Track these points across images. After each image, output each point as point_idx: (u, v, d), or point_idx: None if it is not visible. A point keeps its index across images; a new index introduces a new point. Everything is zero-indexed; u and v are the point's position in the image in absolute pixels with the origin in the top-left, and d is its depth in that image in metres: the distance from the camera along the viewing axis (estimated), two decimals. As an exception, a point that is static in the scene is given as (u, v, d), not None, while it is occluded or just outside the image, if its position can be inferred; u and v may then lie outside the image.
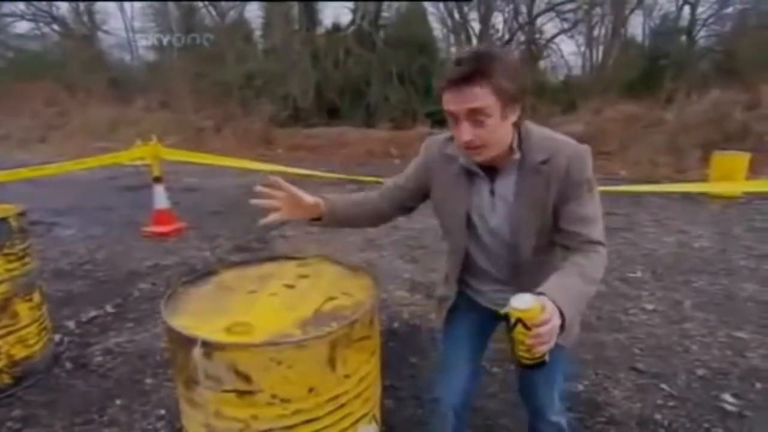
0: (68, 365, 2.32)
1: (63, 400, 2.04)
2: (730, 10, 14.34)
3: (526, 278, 1.14)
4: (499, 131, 1.00)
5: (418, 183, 1.26)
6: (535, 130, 1.10)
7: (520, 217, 1.11)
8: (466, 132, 0.99)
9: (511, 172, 1.10)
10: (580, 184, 1.05)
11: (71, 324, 2.73)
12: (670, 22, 15.17)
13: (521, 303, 0.82)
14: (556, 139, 1.08)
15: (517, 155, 1.07)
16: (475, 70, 0.94)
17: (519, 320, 0.82)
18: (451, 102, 0.99)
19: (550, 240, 1.14)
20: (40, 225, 4.90)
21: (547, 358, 0.88)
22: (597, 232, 1.06)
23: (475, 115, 0.97)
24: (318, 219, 1.20)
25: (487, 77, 0.94)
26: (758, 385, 2.08)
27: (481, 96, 0.95)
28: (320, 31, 16.00)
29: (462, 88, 0.95)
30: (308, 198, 1.16)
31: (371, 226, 1.34)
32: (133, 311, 2.92)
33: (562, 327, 0.87)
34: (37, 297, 2.22)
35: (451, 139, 1.16)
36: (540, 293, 0.87)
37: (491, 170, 1.12)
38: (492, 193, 1.13)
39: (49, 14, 18.53)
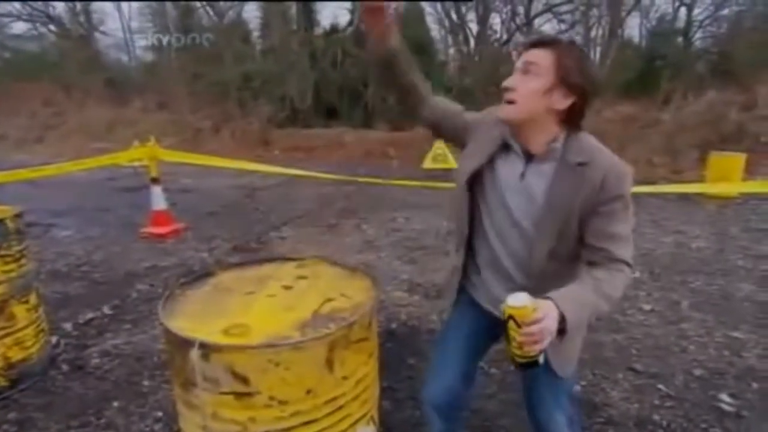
0: (65, 367, 2.31)
1: (59, 402, 2.03)
2: (725, 12, 14.43)
3: (536, 288, 1.03)
4: (536, 98, 1.03)
5: (465, 124, 1.23)
6: (586, 137, 1.10)
7: (546, 212, 1.07)
8: (511, 79, 1.06)
9: (547, 164, 1.08)
10: (614, 199, 1.03)
11: (68, 326, 2.72)
12: (667, 23, 15.24)
13: (515, 300, 0.84)
14: (601, 149, 1.08)
15: (557, 145, 1.07)
16: (546, 39, 1.05)
17: (511, 317, 0.84)
18: (518, 58, 1.07)
19: (567, 252, 1.11)
20: (37, 226, 4.87)
21: (540, 359, 0.88)
22: (625, 251, 1.03)
23: (526, 69, 1.04)
24: (384, 47, 1.15)
25: (553, 48, 1.03)
26: (755, 385, 2.09)
27: (541, 56, 1.03)
28: (318, 31, 16.00)
29: (530, 50, 1.05)
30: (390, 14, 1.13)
31: (411, 105, 1.26)
32: (130, 313, 2.91)
33: (563, 332, 0.87)
34: (33, 299, 2.21)
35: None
36: (546, 297, 0.89)
37: (527, 154, 1.11)
38: (522, 176, 1.11)
39: (46, 14, 18.48)
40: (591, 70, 1.07)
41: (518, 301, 0.84)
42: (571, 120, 1.07)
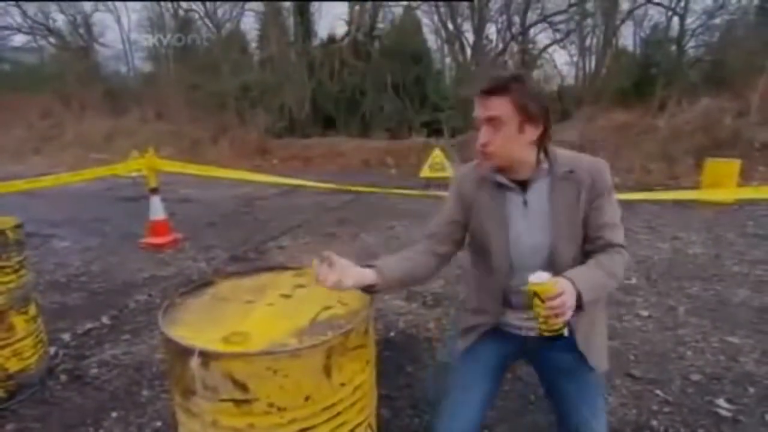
0: (63, 378, 2.30)
1: (57, 413, 2.03)
2: (717, 21, 14.63)
3: None
4: (514, 143, 1.13)
5: (459, 213, 1.27)
6: (556, 150, 1.21)
7: (558, 221, 1.16)
8: (483, 135, 1.13)
9: (541, 182, 1.19)
10: (603, 193, 1.16)
11: (67, 336, 2.72)
12: (660, 32, 15.42)
13: (537, 278, 0.98)
14: (575, 155, 1.21)
15: (545, 165, 1.18)
16: (496, 85, 1.10)
17: (535, 293, 0.97)
18: (476, 110, 1.14)
19: (581, 250, 1.20)
20: (35, 237, 4.88)
21: (565, 332, 1.01)
22: (618, 236, 1.17)
23: (493, 122, 1.11)
24: (372, 286, 1.12)
25: (506, 92, 1.09)
26: (751, 390, 2.10)
27: (501, 106, 1.10)
28: (315, 42, 16.16)
29: (487, 98, 1.11)
30: (356, 269, 1.09)
31: (428, 275, 1.26)
32: (129, 323, 2.91)
33: (579, 308, 1.00)
34: (32, 309, 2.21)
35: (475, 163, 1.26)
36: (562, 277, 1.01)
37: (521, 184, 1.19)
38: (525, 203, 1.20)
39: (46, 27, 18.63)
40: (541, 93, 1.16)
41: (540, 278, 0.97)
42: (544, 141, 1.17)
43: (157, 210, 4.63)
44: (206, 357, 0.91)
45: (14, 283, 2.07)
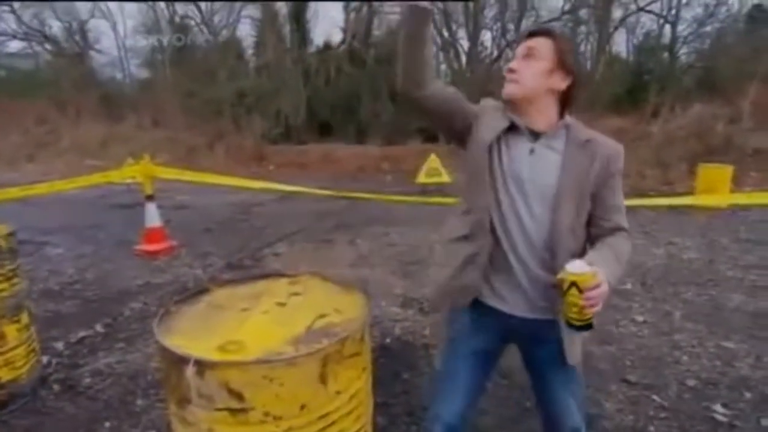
0: (56, 387, 2.27)
1: (49, 423, 2.00)
2: (708, 28, 14.86)
3: (559, 264, 1.06)
4: (540, 80, 1.13)
5: (466, 111, 1.19)
6: (577, 121, 1.20)
7: (563, 182, 1.10)
8: (515, 62, 1.16)
9: (557, 140, 1.14)
10: (617, 173, 1.16)
11: (60, 345, 2.69)
12: (653, 39, 15.62)
13: (576, 268, 0.94)
14: (596, 133, 1.18)
15: (562, 124, 1.16)
16: (543, 29, 1.17)
17: (573, 283, 0.93)
18: (518, 47, 1.17)
19: (583, 229, 1.16)
20: (28, 244, 4.84)
21: (594, 322, 0.99)
22: (625, 221, 1.18)
23: (529, 55, 1.14)
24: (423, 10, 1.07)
25: (550, 35, 1.15)
26: (747, 395, 2.11)
27: (542, 43, 1.14)
28: (311, 49, 16.23)
29: (531, 38, 1.16)
30: None
31: (420, 80, 1.15)
32: (123, 331, 2.88)
33: None
34: (25, 318, 2.19)
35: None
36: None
37: (534, 134, 1.15)
38: (532, 151, 1.13)
39: (42, 33, 18.61)
40: (575, 50, 1.23)
41: (580, 268, 0.94)
42: (566, 102, 1.18)
43: (152, 217, 4.61)
44: (202, 366, 0.91)
45: (7, 291, 2.05)
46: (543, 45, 1.13)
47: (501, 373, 2.25)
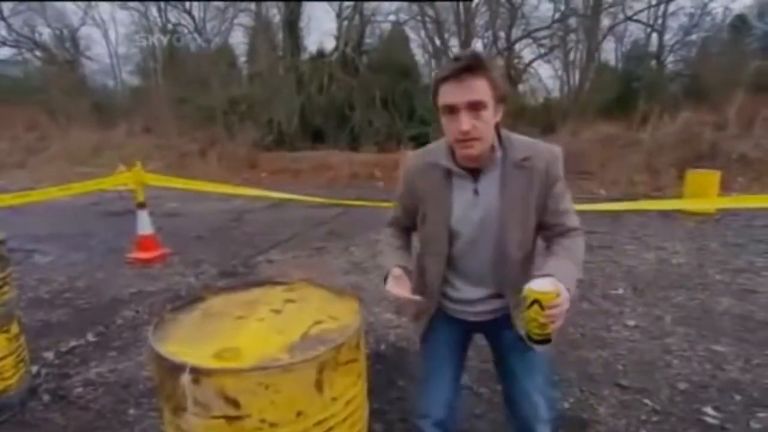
0: (46, 398, 2.24)
1: (40, 435, 1.97)
2: (693, 37, 15.18)
3: (509, 280, 1.21)
4: (491, 126, 1.09)
5: (411, 203, 1.29)
6: (513, 134, 1.20)
7: (507, 210, 1.15)
8: (466, 122, 1.03)
9: (493, 170, 1.16)
10: (557, 180, 1.16)
11: (50, 355, 2.66)
12: (641, 47, 15.90)
13: (539, 286, 0.95)
14: (532, 142, 1.19)
15: (498, 153, 1.14)
16: (476, 63, 1.02)
17: (536, 301, 0.94)
18: (450, 94, 1.04)
19: (532, 242, 1.23)
20: (18, 252, 4.78)
21: (552, 337, 1.01)
22: (575, 220, 1.20)
23: (475, 107, 1.03)
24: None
25: (486, 71, 1.03)
26: (737, 397, 2.13)
27: (482, 88, 1.03)
28: (304, 57, 16.29)
29: (464, 80, 1.02)
30: (400, 273, 1.22)
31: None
32: (115, 340, 2.86)
33: None
34: (14, 328, 2.16)
35: (428, 149, 1.26)
36: (547, 274, 1.00)
37: (473, 171, 1.16)
38: (475, 192, 1.17)
39: (32, 40, 18.50)
40: (502, 70, 1.17)
41: (544, 286, 0.95)
42: (499, 123, 1.13)
43: (144, 225, 4.58)
44: (197, 373, 0.91)
45: (-3, 300, 2.02)
46: (481, 89, 1.03)
47: (494, 378, 2.26)
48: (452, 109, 1.05)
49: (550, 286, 0.95)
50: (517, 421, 1.30)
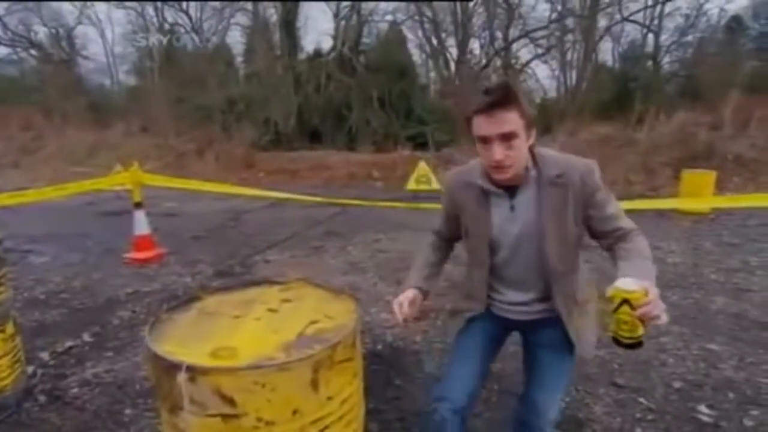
0: (41, 398, 2.23)
1: (36, 435, 1.97)
2: (689, 38, 15.26)
3: (555, 287, 1.27)
4: (523, 152, 1.15)
5: (452, 215, 1.39)
6: (546, 150, 1.25)
7: (544, 225, 1.20)
8: (498, 152, 1.11)
9: (529, 188, 1.22)
10: (598, 190, 1.19)
11: (45, 355, 2.65)
12: (637, 48, 15.97)
13: (627, 285, 0.93)
14: (566, 157, 1.24)
15: (533, 172, 1.20)
16: (506, 96, 1.07)
17: (625, 301, 0.93)
18: (483, 127, 1.11)
19: (573, 249, 1.26)
20: (13, 252, 4.76)
21: (643, 340, 0.97)
22: (628, 222, 1.21)
23: (507, 138, 1.10)
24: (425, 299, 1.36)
25: (516, 103, 1.08)
26: (731, 395, 2.15)
27: (512, 120, 1.09)
28: (302, 57, 16.28)
29: (495, 114, 1.08)
30: (414, 297, 1.33)
31: (446, 260, 1.50)
32: (112, 340, 2.85)
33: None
34: (10, 328, 2.15)
35: (465, 168, 1.33)
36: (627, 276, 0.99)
37: (509, 189, 1.23)
38: (512, 208, 1.24)
39: (28, 39, 18.42)
40: (528, 95, 1.18)
41: (630, 285, 0.93)
42: (532, 143, 1.19)
43: (141, 225, 4.57)
44: (194, 372, 0.91)
45: (-8, 300, 2.02)
46: (514, 121, 1.08)
47: (493, 378, 2.27)
48: (485, 140, 1.12)
49: (635, 285, 0.93)
50: (528, 415, 1.28)
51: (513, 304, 1.35)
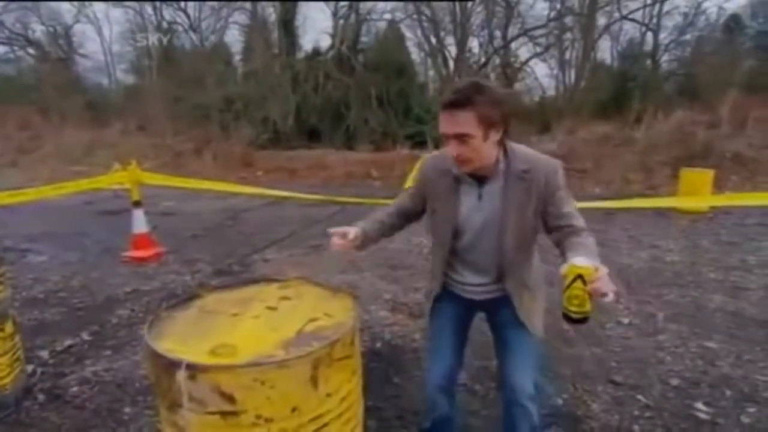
0: (41, 397, 2.24)
1: (35, 434, 1.97)
2: (688, 37, 15.28)
3: (508, 273, 1.38)
4: (482, 149, 1.22)
5: (420, 194, 1.48)
6: (518, 147, 1.33)
7: (506, 216, 1.30)
8: (453, 149, 1.22)
9: (497, 180, 1.31)
10: (558, 189, 1.28)
11: (44, 354, 2.65)
12: (636, 46, 15.98)
13: (581, 262, 1.02)
14: (535, 155, 1.32)
15: (502, 165, 1.29)
16: (465, 98, 1.15)
17: (579, 276, 1.01)
18: (442, 124, 1.21)
19: (529, 242, 1.36)
20: (11, 251, 4.75)
21: (590, 314, 1.06)
22: (581, 221, 1.28)
23: (461, 137, 1.19)
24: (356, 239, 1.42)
25: (471, 106, 1.15)
26: (728, 393, 2.16)
27: (467, 122, 1.16)
28: (300, 55, 16.26)
29: (453, 113, 1.17)
30: (353, 231, 1.41)
31: (394, 232, 1.57)
32: (110, 338, 2.85)
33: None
34: (9, 327, 2.15)
35: (443, 154, 1.37)
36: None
37: (479, 178, 1.32)
38: (480, 197, 1.33)
39: (25, 38, 18.35)
40: (499, 97, 1.19)
41: (584, 262, 1.02)
42: (504, 138, 1.27)
43: (139, 223, 4.57)
44: (193, 369, 0.92)
45: (-9, 299, 2.01)
46: (467, 124, 1.16)
47: (489, 376, 2.28)
48: (444, 136, 1.22)
49: (587, 262, 1.02)
50: (507, 394, 1.38)
51: (470, 285, 1.45)
